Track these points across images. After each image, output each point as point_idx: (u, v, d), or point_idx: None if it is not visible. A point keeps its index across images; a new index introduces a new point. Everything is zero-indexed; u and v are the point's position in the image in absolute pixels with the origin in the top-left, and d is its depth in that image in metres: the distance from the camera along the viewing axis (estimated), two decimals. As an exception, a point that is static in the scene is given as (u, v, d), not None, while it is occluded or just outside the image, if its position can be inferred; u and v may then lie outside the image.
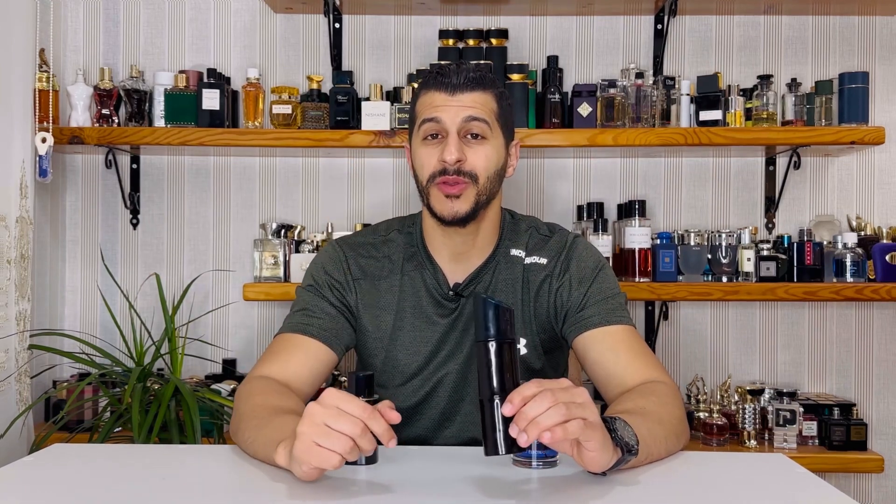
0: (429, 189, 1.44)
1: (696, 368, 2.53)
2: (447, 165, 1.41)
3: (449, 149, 1.41)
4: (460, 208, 1.42)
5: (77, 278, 2.56)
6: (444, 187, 1.42)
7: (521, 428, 1.00)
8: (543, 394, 1.01)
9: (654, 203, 2.55)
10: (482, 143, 1.44)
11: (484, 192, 1.44)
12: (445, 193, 1.42)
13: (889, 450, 2.49)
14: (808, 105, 2.37)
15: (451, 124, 1.42)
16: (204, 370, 2.46)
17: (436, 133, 1.44)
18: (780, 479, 1.17)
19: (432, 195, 1.44)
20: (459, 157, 1.41)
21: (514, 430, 1.01)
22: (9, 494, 1.08)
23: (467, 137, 1.43)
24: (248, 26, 2.57)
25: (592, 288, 1.48)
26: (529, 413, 1.00)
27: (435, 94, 1.44)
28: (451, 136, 1.42)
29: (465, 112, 1.42)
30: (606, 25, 2.56)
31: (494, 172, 1.45)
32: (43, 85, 2.25)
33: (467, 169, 1.42)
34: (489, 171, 1.44)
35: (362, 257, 1.55)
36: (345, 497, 1.07)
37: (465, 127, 1.42)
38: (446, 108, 1.43)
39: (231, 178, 2.57)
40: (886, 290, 2.26)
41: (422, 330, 1.50)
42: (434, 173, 1.43)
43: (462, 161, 1.41)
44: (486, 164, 1.43)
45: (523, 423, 1.00)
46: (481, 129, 1.43)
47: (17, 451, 2.03)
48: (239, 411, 1.32)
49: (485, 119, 1.43)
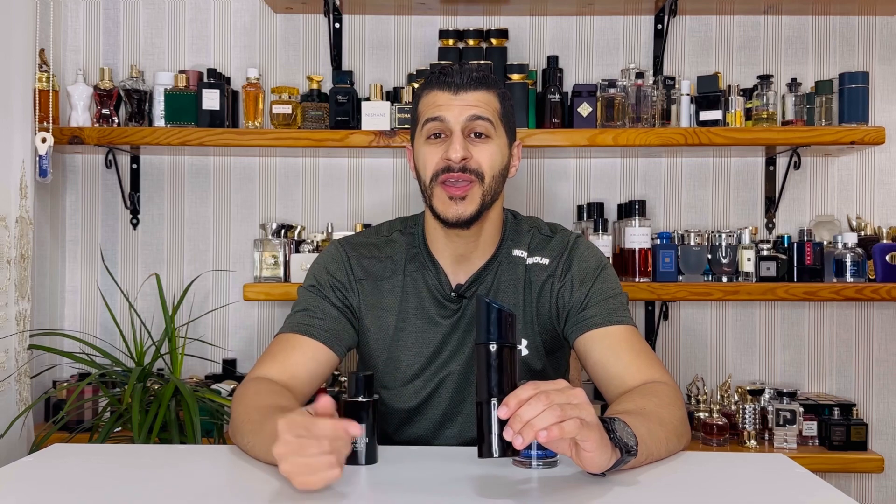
0: (432, 189, 1.44)
1: (696, 368, 2.53)
2: (452, 163, 1.40)
3: (454, 146, 1.40)
4: (465, 210, 1.41)
5: (77, 278, 2.56)
6: (448, 188, 1.41)
7: (516, 431, 1.00)
8: (538, 396, 1.01)
9: (654, 203, 2.55)
10: (486, 141, 1.43)
11: (489, 192, 1.43)
12: (450, 195, 1.41)
13: (889, 450, 2.49)
14: (808, 105, 2.37)
15: (456, 123, 1.42)
16: (204, 370, 2.46)
17: (440, 132, 1.43)
18: (780, 479, 1.17)
19: (435, 196, 1.43)
20: (465, 155, 1.40)
21: (508, 434, 1.00)
22: (9, 494, 1.08)
23: (471, 136, 1.43)
24: (248, 26, 2.57)
25: (594, 288, 1.48)
26: (524, 416, 1.00)
27: (438, 94, 1.44)
28: (456, 134, 1.41)
29: (469, 111, 1.42)
30: (606, 25, 2.56)
31: (499, 172, 1.45)
32: (43, 85, 2.25)
33: (473, 167, 1.41)
34: (494, 170, 1.44)
35: (365, 257, 1.54)
36: (345, 497, 1.07)
37: (469, 126, 1.42)
38: (450, 106, 1.42)
39: (231, 178, 2.57)
40: (886, 290, 2.26)
41: (424, 331, 1.50)
42: (437, 172, 1.42)
43: (468, 159, 1.41)
44: (491, 163, 1.43)
45: (518, 425, 1.00)
46: (485, 127, 1.43)
47: (17, 451, 2.03)
48: (235, 414, 1.32)
49: (489, 118, 1.42)
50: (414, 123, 1.50)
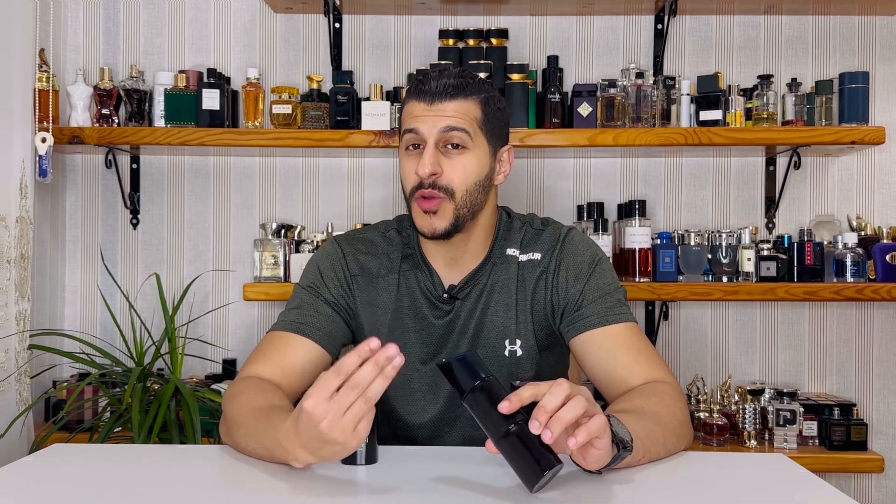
0: (410, 203, 1.43)
1: (696, 368, 2.53)
2: (422, 179, 1.39)
3: (422, 161, 1.38)
4: (438, 225, 1.40)
5: (77, 278, 2.56)
6: (422, 202, 1.40)
7: (543, 423, 0.98)
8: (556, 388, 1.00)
9: (655, 203, 2.55)
10: (462, 153, 1.40)
11: (463, 206, 1.41)
12: (423, 209, 1.41)
13: (889, 450, 2.49)
14: (808, 105, 2.37)
15: (429, 135, 1.39)
16: (204, 370, 2.46)
17: (416, 144, 1.41)
18: (780, 479, 1.17)
19: (413, 210, 1.43)
20: (433, 171, 1.38)
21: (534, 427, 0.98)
22: (9, 494, 1.08)
23: (447, 147, 1.40)
24: (248, 26, 2.57)
25: (589, 284, 1.45)
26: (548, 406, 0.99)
27: (415, 104, 1.42)
28: (428, 147, 1.39)
29: (442, 122, 1.39)
30: (606, 25, 2.56)
31: (475, 184, 1.42)
32: (43, 85, 2.25)
33: (443, 183, 1.39)
34: (468, 184, 1.41)
35: (361, 254, 1.54)
36: (345, 497, 1.07)
37: (443, 137, 1.39)
38: (424, 118, 1.40)
39: (231, 178, 2.57)
40: (886, 290, 2.26)
41: (419, 331, 1.49)
42: (414, 187, 1.41)
43: (437, 175, 1.39)
44: (464, 177, 1.40)
45: (544, 417, 0.98)
46: (461, 138, 1.40)
47: (17, 451, 2.03)
48: (229, 412, 1.30)
49: (464, 128, 1.39)
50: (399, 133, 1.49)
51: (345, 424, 1.01)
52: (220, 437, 1.34)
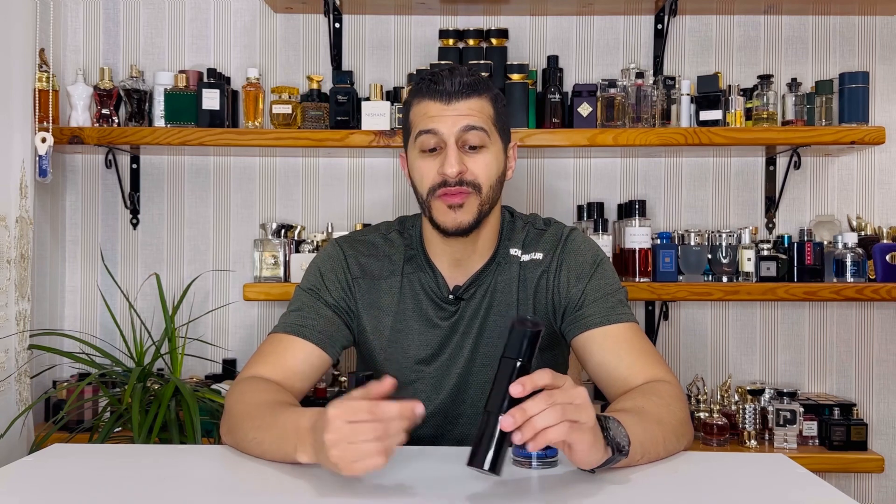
0: (430, 202, 1.42)
1: (696, 368, 2.53)
2: (448, 178, 1.39)
3: (449, 161, 1.38)
4: (464, 219, 1.40)
5: (77, 278, 2.56)
6: (446, 198, 1.39)
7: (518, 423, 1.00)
8: (542, 395, 1.02)
9: (655, 203, 2.55)
10: (481, 151, 1.41)
11: (487, 202, 1.42)
12: (448, 204, 1.40)
13: (889, 450, 2.49)
14: (808, 105, 2.37)
15: (449, 135, 1.39)
16: (204, 370, 2.46)
17: (434, 145, 1.41)
18: (780, 479, 1.17)
19: (434, 207, 1.42)
20: (460, 170, 1.39)
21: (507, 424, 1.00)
22: (9, 494, 1.08)
23: (465, 147, 1.40)
24: (248, 26, 2.57)
25: (591, 284, 1.46)
26: (529, 411, 1.01)
27: (430, 104, 1.41)
28: (450, 147, 1.39)
29: (462, 122, 1.39)
30: (606, 25, 2.56)
31: (496, 180, 1.44)
32: (43, 85, 2.25)
33: (469, 179, 1.40)
34: (491, 180, 1.42)
35: (363, 255, 1.53)
36: (345, 497, 1.07)
37: (463, 137, 1.39)
38: (442, 118, 1.39)
39: (231, 178, 2.57)
40: (887, 290, 2.26)
41: (423, 332, 1.50)
42: (434, 186, 1.40)
43: (463, 172, 1.39)
44: (488, 173, 1.41)
45: (521, 418, 1.00)
46: (480, 137, 1.40)
47: (17, 451, 2.03)
48: (233, 411, 1.30)
49: (482, 127, 1.40)
50: (406, 133, 1.47)
51: (346, 451, 1.04)
52: (221, 437, 1.34)
